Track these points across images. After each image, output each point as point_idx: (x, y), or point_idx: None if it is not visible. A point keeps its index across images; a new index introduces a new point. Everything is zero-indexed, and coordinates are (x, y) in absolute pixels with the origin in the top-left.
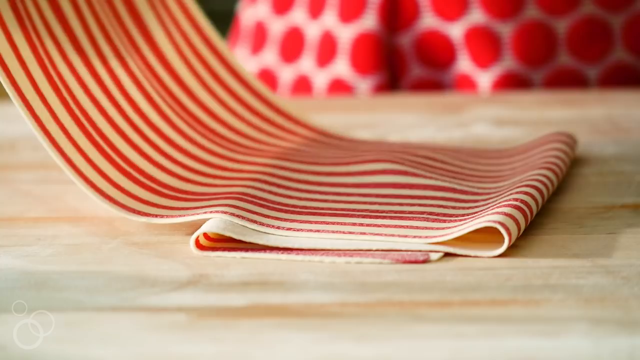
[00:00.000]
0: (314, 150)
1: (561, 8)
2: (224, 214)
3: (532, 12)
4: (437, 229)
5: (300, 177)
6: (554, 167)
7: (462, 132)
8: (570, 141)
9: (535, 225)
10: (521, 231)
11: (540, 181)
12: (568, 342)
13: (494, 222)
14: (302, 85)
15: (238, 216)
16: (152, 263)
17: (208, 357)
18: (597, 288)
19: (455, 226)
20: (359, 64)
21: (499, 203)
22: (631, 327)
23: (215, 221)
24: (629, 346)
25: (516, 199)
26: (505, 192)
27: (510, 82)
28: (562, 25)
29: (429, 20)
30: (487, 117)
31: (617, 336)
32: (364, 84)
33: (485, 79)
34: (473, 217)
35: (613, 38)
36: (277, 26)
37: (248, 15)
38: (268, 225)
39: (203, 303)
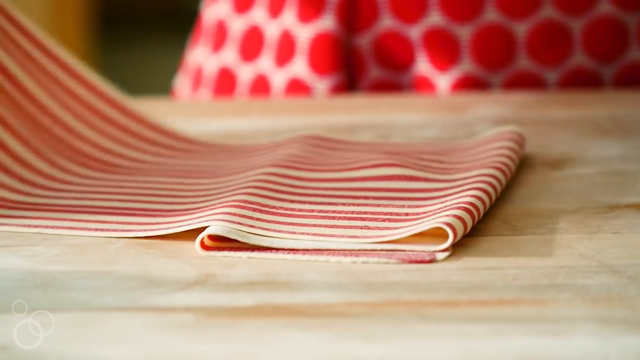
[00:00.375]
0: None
1: (521, 11)
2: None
3: (491, 15)
4: (391, 228)
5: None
6: (503, 167)
7: (465, 131)
8: (520, 140)
9: (539, 224)
10: (467, 231)
11: (489, 183)
12: (576, 341)
13: (442, 223)
14: (261, 85)
15: (232, 222)
16: (158, 263)
17: (216, 357)
18: (603, 288)
19: (406, 226)
20: (317, 64)
21: (450, 206)
22: (639, 326)
23: (219, 225)
24: (637, 345)
25: (465, 202)
26: (457, 191)
27: (469, 85)
28: (521, 29)
29: (387, 22)
30: (491, 117)
31: (625, 336)
32: (321, 85)
33: (443, 81)
34: (425, 216)
35: (573, 42)
36: (237, 25)
37: (210, 13)
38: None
39: (210, 303)
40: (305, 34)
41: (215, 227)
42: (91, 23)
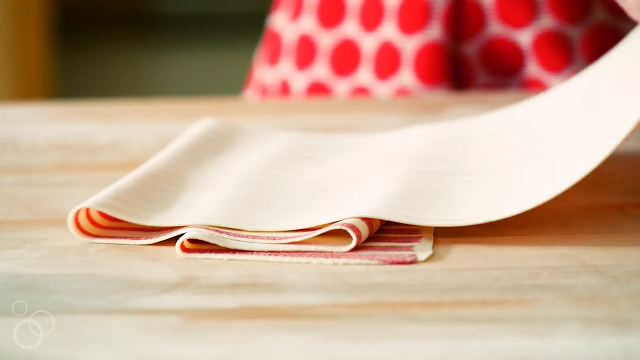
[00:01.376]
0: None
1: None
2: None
3: (599, 15)
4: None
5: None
6: None
7: None
8: None
9: (521, 225)
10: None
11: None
12: (562, 342)
13: (347, 225)
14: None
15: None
16: (140, 265)
17: (203, 359)
18: (587, 288)
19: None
20: (424, 74)
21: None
22: (624, 326)
23: (198, 230)
24: (623, 345)
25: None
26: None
27: None
28: (628, 28)
29: (495, 28)
30: (467, 117)
31: (610, 336)
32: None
33: (556, 82)
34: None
35: None
36: (326, 40)
37: (290, 29)
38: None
39: (194, 305)
40: (410, 45)
41: (195, 232)
42: (51, 27)
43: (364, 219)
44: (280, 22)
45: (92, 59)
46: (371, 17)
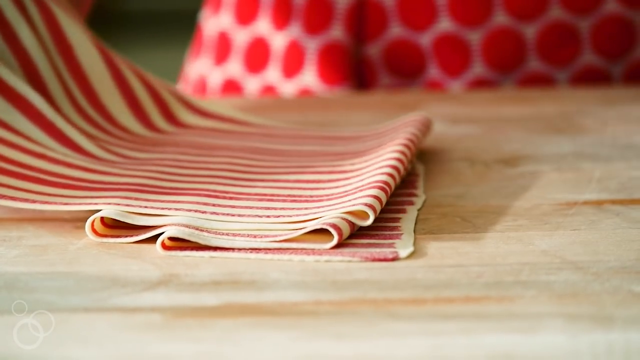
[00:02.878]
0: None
1: (530, 13)
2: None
3: (501, 19)
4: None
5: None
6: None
7: None
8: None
9: (499, 222)
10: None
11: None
12: (545, 338)
13: (328, 224)
14: (269, 95)
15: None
16: (121, 263)
17: (187, 357)
18: (568, 284)
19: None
20: (327, 74)
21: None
22: (607, 322)
23: (177, 228)
24: (607, 341)
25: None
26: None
27: (481, 88)
28: (530, 31)
29: (397, 30)
30: (442, 114)
31: (593, 332)
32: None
33: (455, 85)
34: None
35: (581, 42)
36: (241, 37)
37: (211, 25)
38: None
39: (176, 303)
40: (313, 45)
41: (175, 231)
42: None
43: (344, 218)
44: (204, 17)
45: None
46: (281, 16)
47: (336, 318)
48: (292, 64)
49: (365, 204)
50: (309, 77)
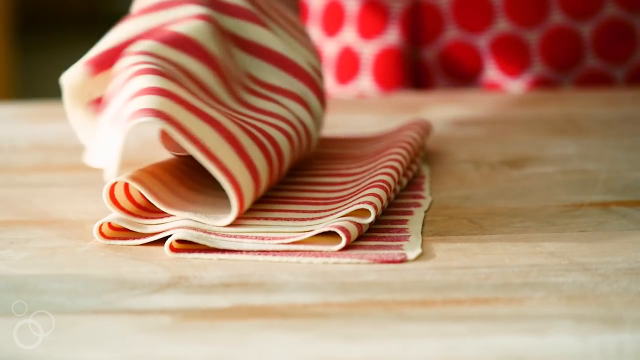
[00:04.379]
0: None
1: (585, 12)
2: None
3: (557, 18)
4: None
5: None
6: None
7: None
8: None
9: (506, 223)
10: (362, 231)
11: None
12: (556, 339)
13: (336, 227)
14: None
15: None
16: (129, 265)
17: (197, 359)
18: (577, 286)
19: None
20: (383, 79)
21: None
22: (616, 323)
23: (185, 231)
24: (616, 342)
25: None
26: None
27: (541, 87)
28: (586, 29)
29: (453, 33)
30: (447, 116)
31: (603, 333)
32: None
33: (515, 86)
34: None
35: (637, 39)
36: None
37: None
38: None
39: (186, 305)
40: (369, 50)
41: (182, 233)
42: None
43: (352, 221)
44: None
45: (50, 60)
46: (332, 22)
47: (346, 320)
48: (347, 69)
49: (367, 202)
50: (365, 82)
